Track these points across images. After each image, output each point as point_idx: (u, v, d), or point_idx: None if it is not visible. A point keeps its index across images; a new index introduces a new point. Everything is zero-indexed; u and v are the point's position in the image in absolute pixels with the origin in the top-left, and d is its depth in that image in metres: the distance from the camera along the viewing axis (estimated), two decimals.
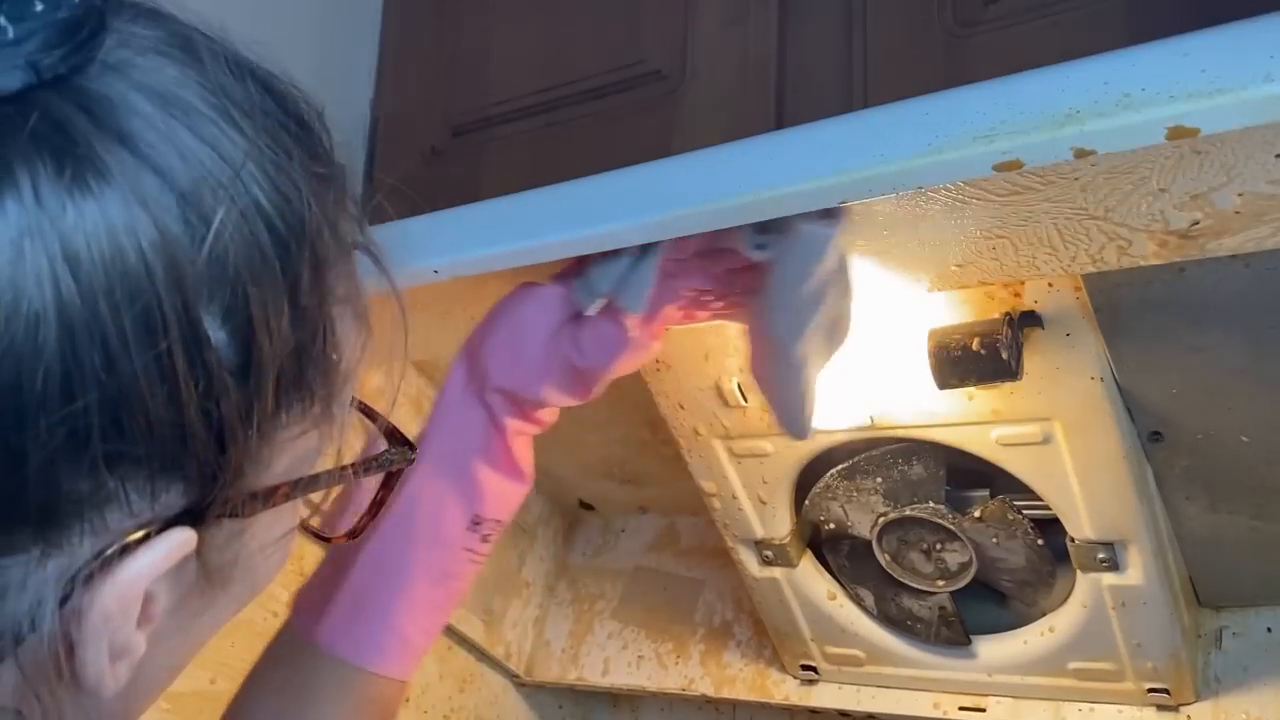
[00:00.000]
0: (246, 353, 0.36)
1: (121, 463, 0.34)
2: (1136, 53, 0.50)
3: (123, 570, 0.35)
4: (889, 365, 0.87)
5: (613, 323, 0.72)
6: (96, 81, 0.34)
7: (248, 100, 0.38)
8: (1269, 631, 1.05)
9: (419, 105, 1.13)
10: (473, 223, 0.75)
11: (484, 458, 0.73)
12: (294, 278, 0.37)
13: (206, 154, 0.35)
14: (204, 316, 0.34)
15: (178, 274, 0.33)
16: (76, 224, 0.32)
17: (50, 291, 0.31)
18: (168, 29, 0.37)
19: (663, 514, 1.46)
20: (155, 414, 0.34)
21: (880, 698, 1.17)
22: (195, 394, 0.34)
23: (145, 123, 0.34)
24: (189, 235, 0.34)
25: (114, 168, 0.33)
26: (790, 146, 0.60)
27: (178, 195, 0.34)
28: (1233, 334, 0.79)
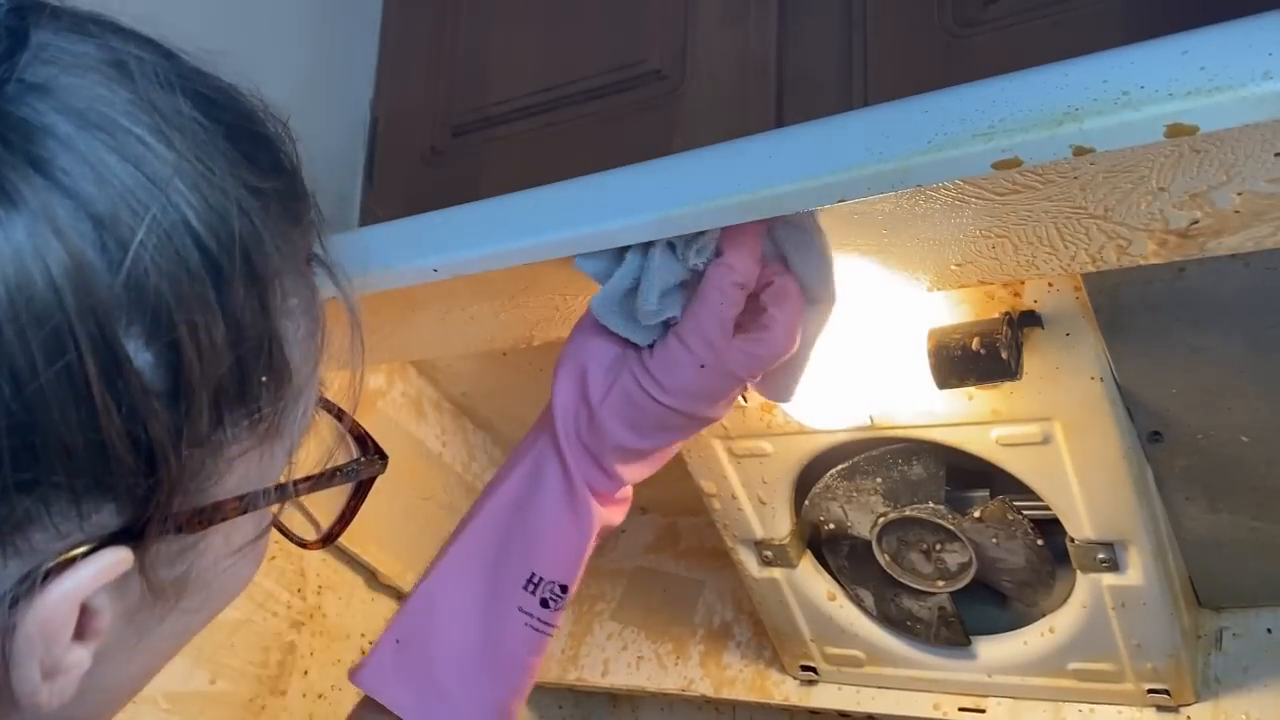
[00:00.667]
0: (175, 374, 0.35)
1: (38, 487, 0.34)
2: (1135, 50, 0.50)
3: (49, 591, 0.35)
4: (889, 365, 0.87)
5: (681, 346, 0.65)
6: (13, 103, 0.33)
7: (178, 115, 0.37)
8: (1269, 632, 1.05)
9: (419, 105, 1.13)
10: (473, 222, 0.75)
11: (548, 514, 0.67)
12: (229, 295, 0.37)
13: (128, 173, 0.34)
14: (124, 340, 0.34)
15: (91, 299, 0.33)
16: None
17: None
18: (97, 42, 0.36)
19: (663, 514, 1.46)
20: (71, 439, 0.33)
21: (880, 698, 1.17)
22: (116, 418, 0.34)
23: (62, 145, 0.33)
24: (105, 259, 0.33)
25: (24, 193, 0.32)
26: (790, 145, 0.60)
27: (93, 219, 0.33)
28: (1233, 334, 0.79)
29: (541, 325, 0.89)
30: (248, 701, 1.10)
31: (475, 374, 1.27)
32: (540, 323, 0.88)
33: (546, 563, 0.67)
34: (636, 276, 0.66)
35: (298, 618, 1.15)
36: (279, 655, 1.13)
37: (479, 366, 1.25)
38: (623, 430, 0.66)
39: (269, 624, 1.12)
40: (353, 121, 1.16)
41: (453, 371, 1.27)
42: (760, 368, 0.66)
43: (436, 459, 1.31)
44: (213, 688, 1.06)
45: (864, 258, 0.70)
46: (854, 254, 0.69)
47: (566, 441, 0.68)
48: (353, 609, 1.21)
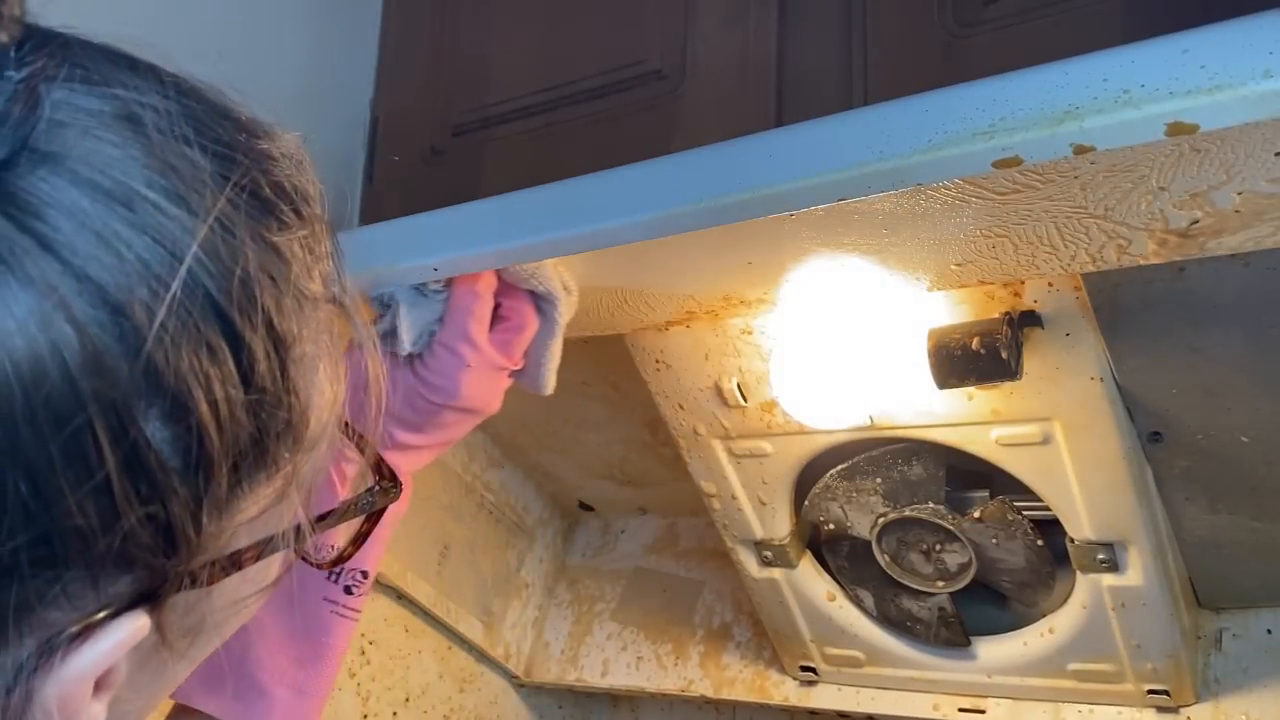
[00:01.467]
0: (195, 449, 0.34)
1: (58, 576, 0.33)
2: (1135, 49, 0.50)
3: (68, 664, 0.34)
4: (889, 365, 0.87)
5: (446, 351, 0.74)
6: (26, 176, 0.31)
7: (195, 172, 0.35)
8: (1269, 633, 1.05)
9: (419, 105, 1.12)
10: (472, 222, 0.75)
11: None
12: (250, 363, 0.35)
13: (146, 247, 0.33)
14: (143, 424, 0.33)
15: (110, 390, 0.32)
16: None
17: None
18: (109, 94, 0.34)
19: (662, 515, 1.46)
20: (90, 529, 0.32)
21: (880, 699, 1.17)
22: (135, 502, 0.33)
23: (75, 222, 0.32)
24: (122, 346, 0.32)
25: (37, 278, 0.31)
26: (790, 144, 0.60)
27: (109, 305, 0.32)
28: (1233, 334, 0.79)
29: None
30: None
31: None
32: None
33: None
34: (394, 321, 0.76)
35: None
36: None
37: None
38: (402, 431, 0.74)
39: None
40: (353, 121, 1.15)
41: None
42: (517, 353, 0.77)
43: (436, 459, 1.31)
44: None
45: (864, 258, 0.70)
46: (854, 254, 0.69)
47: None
48: None
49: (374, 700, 1.23)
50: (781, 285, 0.79)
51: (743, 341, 0.93)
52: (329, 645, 0.71)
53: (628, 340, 0.99)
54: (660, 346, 0.97)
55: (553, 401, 1.26)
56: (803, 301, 0.82)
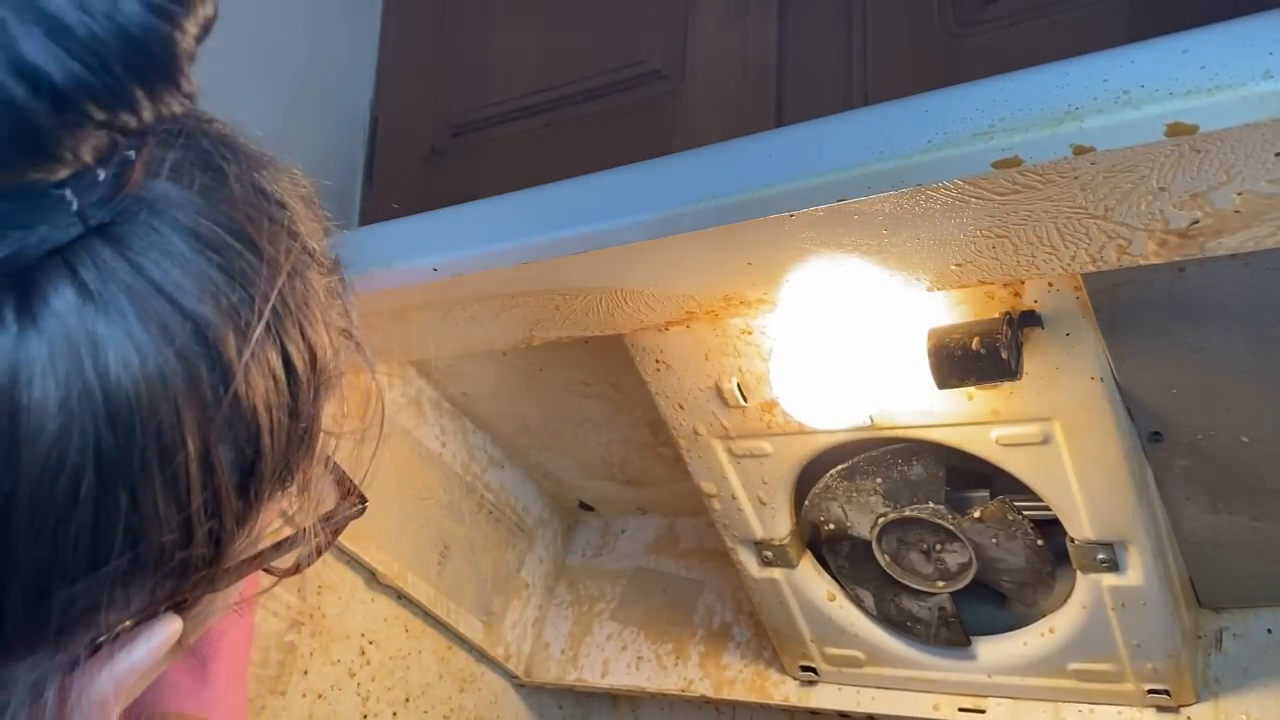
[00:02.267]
0: (250, 470, 0.37)
1: (135, 584, 0.35)
2: (1135, 50, 0.50)
3: (121, 662, 0.37)
4: (889, 365, 0.87)
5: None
6: (140, 226, 0.34)
7: (270, 223, 0.38)
8: (1269, 633, 1.05)
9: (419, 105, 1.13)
10: (472, 222, 0.75)
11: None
12: (302, 400, 0.39)
13: (236, 292, 0.36)
14: (221, 446, 0.36)
15: (204, 416, 0.35)
16: (119, 380, 0.33)
17: (92, 448, 0.32)
18: (201, 149, 0.37)
19: (662, 515, 1.46)
20: (170, 545, 0.35)
21: (880, 699, 1.17)
22: (204, 517, 0.36)
23: (180, 268, 0.34)
24: (216, 377, 0.35)
25: (152, 319, 0.33)
26: (790, 144, 0.60)
27: (207, 341, 0.35)
28: (1233, 334, 0.79)
29: (541, 325, 0.89)
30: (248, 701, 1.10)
31: (475, 374, 1.27)
32: (540, 322, 0.88)
33: None
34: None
35: (297, 618, 1.15)
36: (279, 655, 1.13)
37: (479, 366, 1.25)
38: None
39: (269, 624, 1.12)
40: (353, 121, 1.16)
41: (453, 371, 1.27)
42: None
43: (436, 459, 1.31)
44: None
45: (864, 257, 0.70)
46: (854, 254, 0.69)
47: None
48: (352, 609, 1.21)
49: (374, 700, 1.23)
50: (781, 285, 0.79)
51: (743, 341, 0.93)
52: (216, 630, 0.75)
53: (628, 340, 0.99)
54: (660, 346, 0.97)
55: (553, 401, 1.26)
56: (803, 301, 0.82)
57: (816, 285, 0.78)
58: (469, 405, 1.33)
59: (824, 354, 0.88)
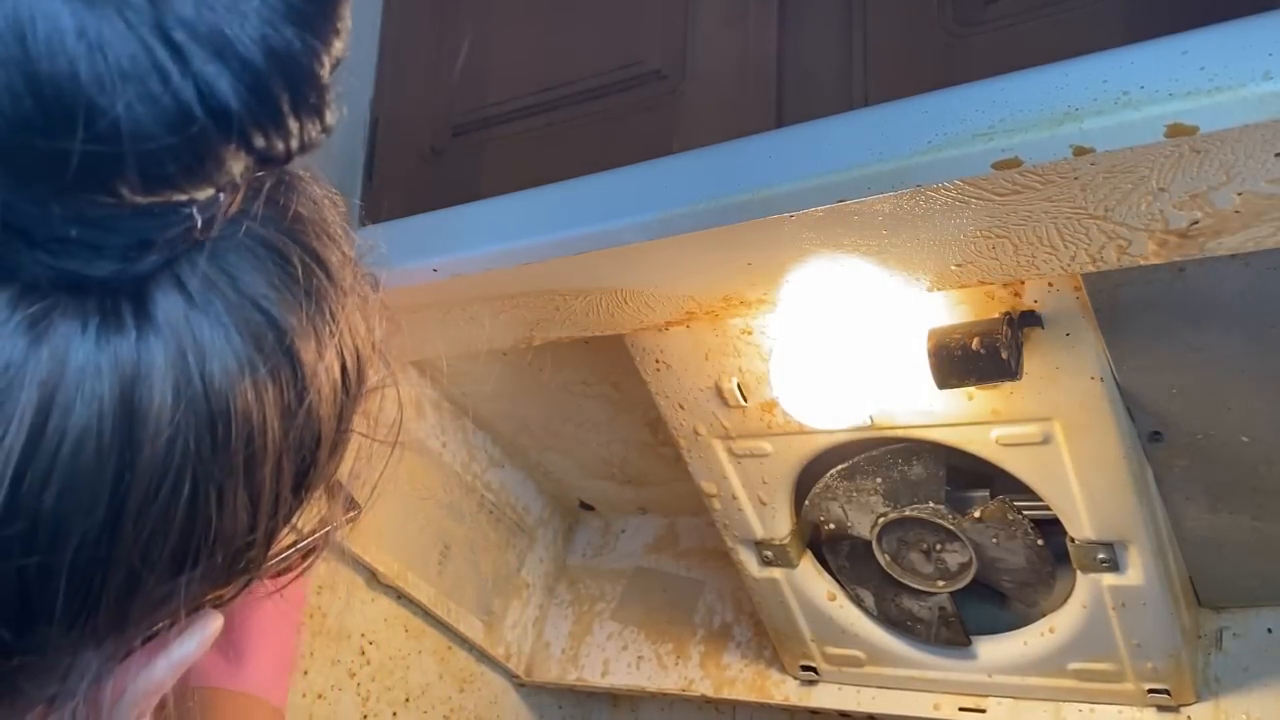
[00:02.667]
0: (306, 477, 0.39)
1: (200, 578, 0.36)
2: (1135, 51, 0.50)
3: (172, 655, 0.38)
4: (889, 365, 0.87)
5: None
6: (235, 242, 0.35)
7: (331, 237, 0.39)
8: (1269, 632, 1.05)
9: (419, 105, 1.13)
10: (472, 222, 0.75)
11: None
12: (348, 410, 0.40)
13: (314, 311, 0.37)
14: (290, 456, 0.37)
15: (285, 429, 0.36)
16: (221, 387, 0.34)
17: (194, 453, 0.33)
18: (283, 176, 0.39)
19: (663, 515, 1.46)
20: (238, 542, 0.36)
21: (880, 698, 1.17)
22: (266, 519, 0.37)
23: (270, 284, 0.36)
24: (298, 391, 0.36)
25: (250, 332, 0.35)
26: (790, 145, 0.60)
27: (293, 355, 0.36)
28: (1233, 334, 0.79)
29: (541, 325, 0.89)
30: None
31: (475, 374, 1.27)
32: (540, 323, 0.88)
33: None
34: None
35: None
36: None
37: (479, 366, 1.25)
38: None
39: None
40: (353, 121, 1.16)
41: (453, 371, 1.27)
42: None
43: (436, 459, 1.31)
44: None
45: (864, 258, 0.70)
46: (854, 254, 0.69)
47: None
48: (353, 609, 1.21)
49: (374, 700, 1.23)
50: (781, 286, 0.79)
51: (743, 341, 0.93)
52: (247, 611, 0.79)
53: (628, 340, 0.99)
54: (660, 346, 0.97)
55: (553, 401, 1.26)
56: (803, 301, 0.82)
57: (816, 285, 0.78)
58: (469, 405, 1.33)
59: (824, 354, 0.88)
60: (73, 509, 0.32)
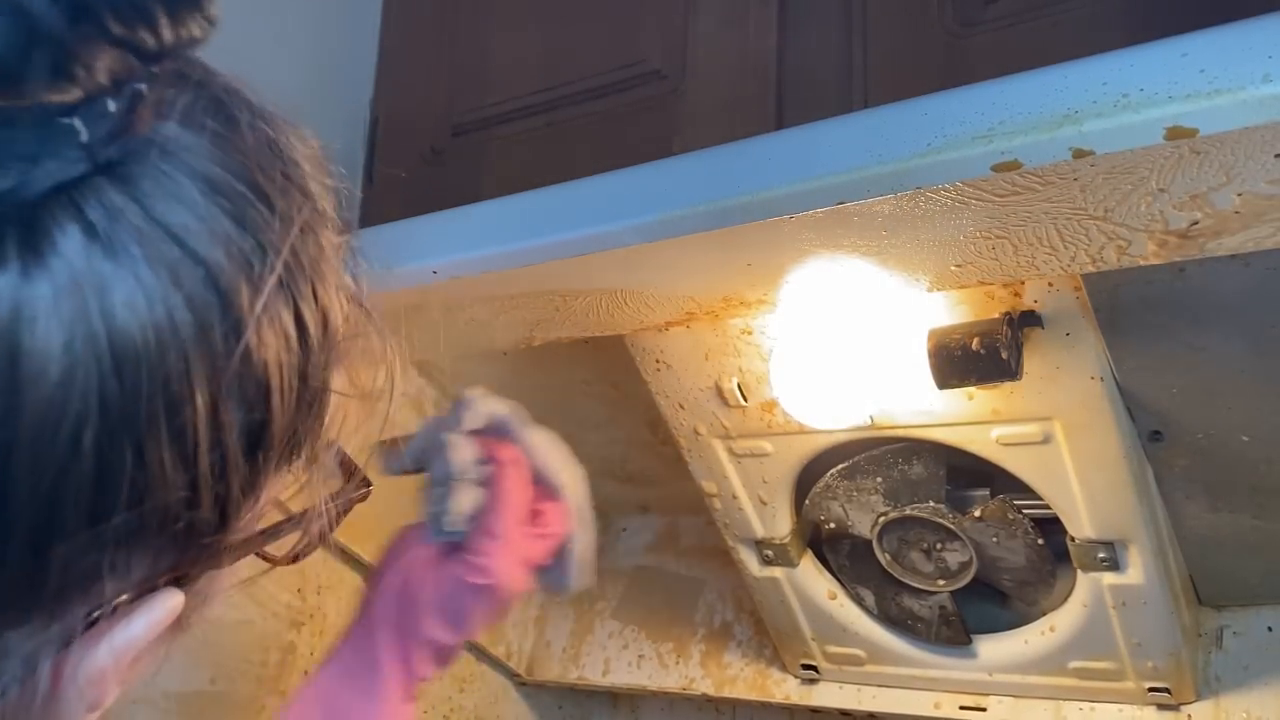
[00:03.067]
0: (259, 433, 0.36)
1: (137, 548, 0.34)
2: (1134, 53, 0.50)
3: (119, 636, 0.36)
4: (889, 365, 0.87)
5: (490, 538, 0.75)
6: (149, 168, 0.33)
7: (283, 178, 0.37)
8: (1270, 631, 1.05)
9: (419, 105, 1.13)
10: (473, 223, 0.75)
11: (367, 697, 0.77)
12: (312, 363, 0.37)
13: (247, 242, 0.34)
14: (230, 404, 0.34)
15: (214, 370, 0.33)
16: (125, 324, 0.31)
17: (96, 396, 0.31)
18: (212, 97, 0.36)
19: (663, 514, 1.46)
20: (175, 505, 0.34)
21: (881, 697, 1.17)
22: (211, 480, 0.34)
23: (191, 213, 0.33)
24: (227, 328, 0.34)
25: (161, 263, 0.32)
26: (790, 147, 0.60)
27: (220, 290, 0.33)
28: (1233, 334, 0.79)
29: (541, 325, 0.89)
30: (248, 701, 1.10)
31: (475, 374, 1.27)
32: (540, 323, 0.88)
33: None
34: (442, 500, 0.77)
35: (298, 618, 1.15)
36: (279, 655, 1.13)
37: (479, 366, 1.25)
38: (438, 625, 0.76)
39: (269, 624, 1.12)
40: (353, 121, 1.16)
41: (453, 371, 1.27)
42: (546, 552, 0.78)
43: None
44: (212, 687, 1.06)
45: (864, 258, 0.70)
46: (854, 255, 0.69)
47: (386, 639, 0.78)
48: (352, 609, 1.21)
49: None
50: (781, 286, 0.79)
51: (743, 341, 0.93)
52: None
53: (628, 340, 0.99)
54: (660, 346, 0.97)
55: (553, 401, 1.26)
56: (803, 302, 0.82)
57: (816, 286, 0.78)
58: None
59: (824, 354, 0.88)
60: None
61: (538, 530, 0.78)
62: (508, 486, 0.77)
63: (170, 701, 1.02)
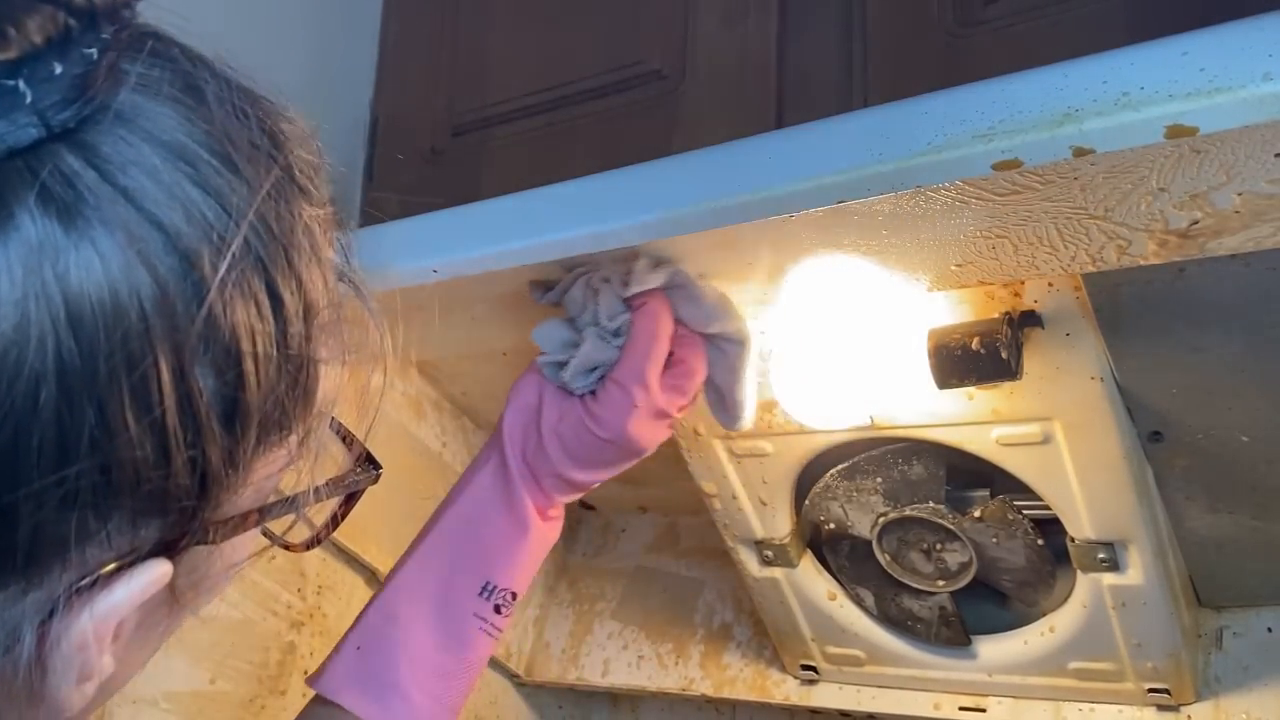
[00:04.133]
0: (235, 401, 0.36)
1: (109, 511, 0.34)
2: (1135, 51, 0.50)
3: (101, 603, 0.36)
4: (889, 365, 0.87)
5: (619, 389, 0.73)
6: (106, 134, 0.34)
7: (251, 145, 0.37)
8: (1269, 631, 1.05)
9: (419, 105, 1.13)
10: (473, 223, 0.75)
11: (500, 528, 0.75)
12: (287, 328, 0.38)
13: (211, 207, 0.35)
14: (198, 368, 0.35)
15: (176, 333, 0.34)
16: (81, 285, 0.32)
17: (52, 353, 0.31)
18: (176, 68, 0.37)
19: (663, 514, 1.46)
20: (144, 466, 0.34)
21: (880, 698, 1.17)
22: (183, 444, 0.35)
23: (151, 178, 0.34)
24: (189, 291, 0.34)
25: (119, 227, 0.33)
26: (790, 146, 0.60)
27: (180, 253, 0.34)
28: (1233, 334, 0.79)
29: None
30: (248, 701, 1.10)
31: (475, 374, 1.27)
32: None
33: (500, 572, 0.74)
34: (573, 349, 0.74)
35: (298, 618, 1.15)
36: (279, 655, 1.13)
37: (479, 366, 1.25)
38: (565, 460, 0.75)
39: (269, 624, 1.12)
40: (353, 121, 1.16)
41: (453, 371, 1.27)
42: (683, 403, 0.76)
43: (436, 459, 1.30)
44: (212, 687, 1.06)
45: (864, 258, 0.70)
46: (854, 254, 0.69)
47: (515, 464, 0.75)
48: (353, 609, 1.21)
49: None
50: (781, 286, 0.79)
51: None
52: (471, 660, 0.74)
53: None
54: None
55: None
56: (803, 301, 0.82)
57: (816, 285, 0.78)
58: (469, 405, 1.33)
59: (824, 354, 0.88)
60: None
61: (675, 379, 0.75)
62: (640, 334, 0.73)
63: (170, 701, 1.02)
